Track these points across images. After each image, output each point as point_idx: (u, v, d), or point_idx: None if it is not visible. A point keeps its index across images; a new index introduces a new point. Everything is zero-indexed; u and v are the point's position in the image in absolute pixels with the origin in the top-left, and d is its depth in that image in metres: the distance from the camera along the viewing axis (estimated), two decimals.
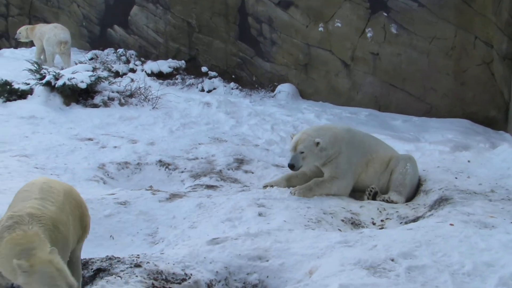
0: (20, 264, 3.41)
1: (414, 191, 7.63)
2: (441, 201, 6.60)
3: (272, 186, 7.54)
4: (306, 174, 7.69)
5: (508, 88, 11.55)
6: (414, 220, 6.30)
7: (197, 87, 15.03)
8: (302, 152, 7.15)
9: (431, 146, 10.11)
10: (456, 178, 7.51)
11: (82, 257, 4.95)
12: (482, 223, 5.48)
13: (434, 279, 4.20)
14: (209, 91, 14.79)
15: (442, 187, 7.12)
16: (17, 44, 17.48)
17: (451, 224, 5.43)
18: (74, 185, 7.31)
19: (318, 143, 7.16)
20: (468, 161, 8.43)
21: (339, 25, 13.61)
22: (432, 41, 12.53)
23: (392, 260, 4.54)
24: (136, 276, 4.58)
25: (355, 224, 6.58)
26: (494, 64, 11.93)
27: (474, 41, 12.10)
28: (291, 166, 7.15)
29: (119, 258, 4.93)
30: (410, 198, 7.52)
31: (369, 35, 13.24)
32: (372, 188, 7.50)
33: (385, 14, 12.95)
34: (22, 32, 15.75)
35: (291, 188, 7.34)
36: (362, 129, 9.46)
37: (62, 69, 13.08)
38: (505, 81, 11.63)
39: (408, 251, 4.67)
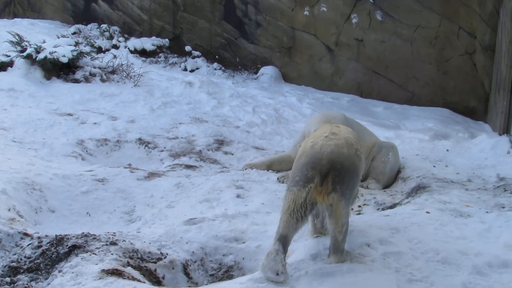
0: None
1: (394, 178, 7.67)
2: (419, 189, 6.63)
3: (251, 167, 7.56)
4: (290, 161, 7.70)
5: (489, 79, 11.62)
6: (391, 207, 6.33)
7: (180, 66, 14.93)
8: None
9: (411, 134, 10.16)
10: (434, 166, 7.57)
11: (57, 233, 4.93)
12: (458, 212, 5.53)
13: (409, 266, 4.24)
14: (192, 71, 14.71)
15: (420, 175, 7.16)
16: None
17: (428, 212, 5.46)
18: (52, 160, 7.31)
19: None
20: (447, 150, 8.50)
21: (325, 9, 13.56)
22: (416, 29, 12.55)
23: (368, 245, 4.56)
24: (112, 254, 4.56)
25: None
26: (476, 55, 11.99)
27: (458, 31, 12.13)
28: None
29: (95, 235, 4.90)
30: (389, 185, 7.56)
31: (354, 21, 13.22)
32: None
33: (371, 0, 12.92)
34: None
35: (278, 173, 7.37)
36: None
37: None
38: (486, 72, 11.70)
39: (384, 237, 4.70)
